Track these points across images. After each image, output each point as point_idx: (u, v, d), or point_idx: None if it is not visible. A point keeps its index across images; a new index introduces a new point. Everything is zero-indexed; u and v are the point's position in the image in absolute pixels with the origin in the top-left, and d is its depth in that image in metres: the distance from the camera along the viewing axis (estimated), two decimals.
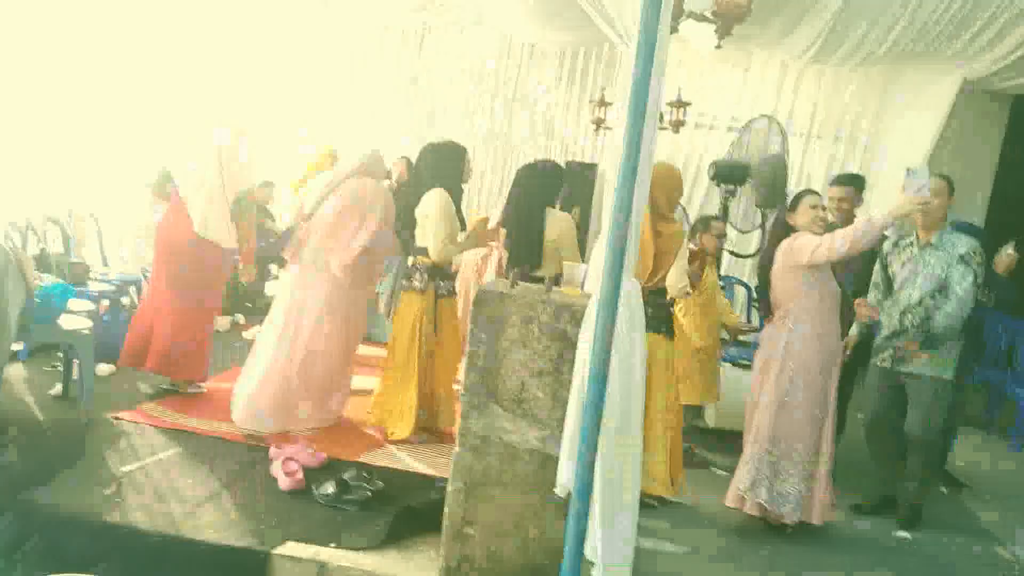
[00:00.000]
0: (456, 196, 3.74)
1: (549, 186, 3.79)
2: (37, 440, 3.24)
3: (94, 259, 5.41)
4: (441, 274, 3.76)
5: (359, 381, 4.14)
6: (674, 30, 1.69)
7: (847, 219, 3.73)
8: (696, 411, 4.65)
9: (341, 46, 7.85)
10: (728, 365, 4.50)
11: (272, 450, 3.25)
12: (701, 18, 2.25)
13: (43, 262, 4.23)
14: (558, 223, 3.67)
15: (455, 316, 3.90)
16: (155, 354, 3.80)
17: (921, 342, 3.42)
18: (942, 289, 3.39)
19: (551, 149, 7.69)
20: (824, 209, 3.28)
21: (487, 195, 7.67)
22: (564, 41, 7.44)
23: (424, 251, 3.69)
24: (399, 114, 7.89)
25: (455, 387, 3.78)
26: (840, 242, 3.03)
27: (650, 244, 3.19)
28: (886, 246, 3.65)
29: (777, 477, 3.23)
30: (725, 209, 4.53)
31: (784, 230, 3.36)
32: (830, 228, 3.25)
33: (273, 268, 6.33)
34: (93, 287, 4.58)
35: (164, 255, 3.89)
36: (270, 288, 6.27)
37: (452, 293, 3.86)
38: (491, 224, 3.96)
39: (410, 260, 3.83)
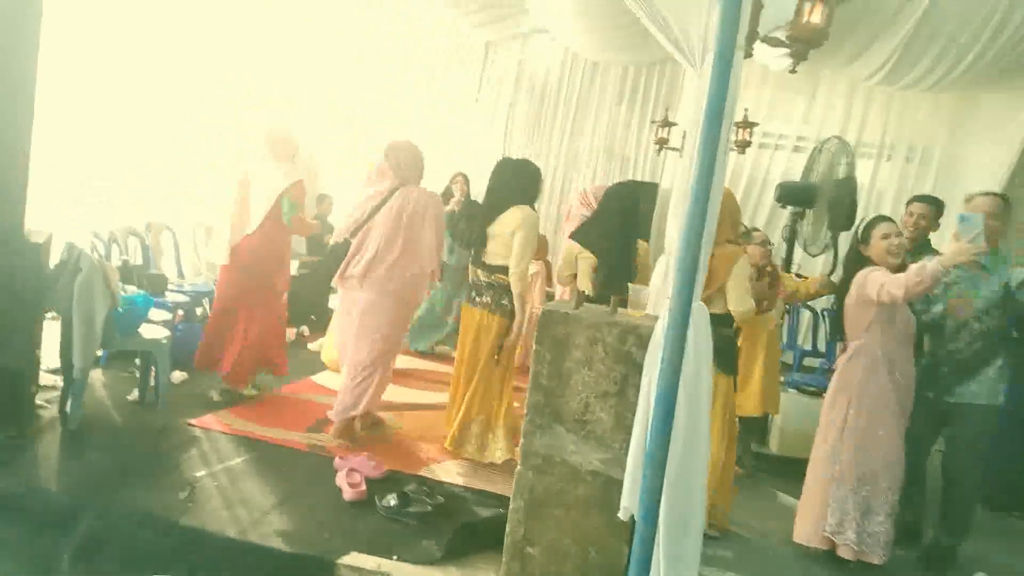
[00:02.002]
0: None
1: (632, 210, 3.62)
2: (116, 443, 3.39)
3: (170, 270, 5.66)
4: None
5: (426, 397, 4.18)
6: (748, 54, 1.67)
7: (922, 236, 3.64)
8: (760, 437, 4.55)
9: (402, 60, 7.87)
10: (793, 391, 4.40)
11: (337, 461, 3.33)
12: (776, 42, 2.22)
13: (125, 273, 4.42)
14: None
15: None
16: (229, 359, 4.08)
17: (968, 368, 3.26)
18: (989, 311, 3.23)
19: (611, 168, 7.65)
20: (899, 235, 3.18)
21: (547, 212, 7.62)
22: (626, 60, 7.41)
23: (498, 269, 3.59)
24: (462, 129, 7.93)
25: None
26: (896, 288, 2.93)
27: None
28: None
29: (866, 518, 3.12)
30: (793, 231, 4.44)
31: (858, 260, 3.27)
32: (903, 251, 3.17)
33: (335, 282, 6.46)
34: (169, 297, 4.79)
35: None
36: (333, 301, 6.41)
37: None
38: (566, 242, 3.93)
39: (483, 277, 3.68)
